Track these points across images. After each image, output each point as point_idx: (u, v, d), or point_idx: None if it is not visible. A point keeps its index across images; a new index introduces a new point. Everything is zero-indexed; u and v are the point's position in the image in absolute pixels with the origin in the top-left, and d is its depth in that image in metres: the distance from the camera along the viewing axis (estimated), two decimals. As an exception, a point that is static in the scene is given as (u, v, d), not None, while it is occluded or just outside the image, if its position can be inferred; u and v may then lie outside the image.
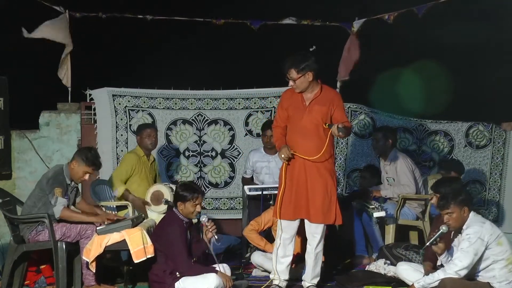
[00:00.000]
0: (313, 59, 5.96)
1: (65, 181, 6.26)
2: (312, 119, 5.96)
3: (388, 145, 7.50)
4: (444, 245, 5.68)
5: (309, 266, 6.07)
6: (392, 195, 7.41)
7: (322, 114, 5.97)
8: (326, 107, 5.99)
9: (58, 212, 6.12)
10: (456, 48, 9.21)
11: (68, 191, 6.31)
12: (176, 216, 5.95)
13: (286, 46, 8.95)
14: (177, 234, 5.81)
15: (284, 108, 6.07)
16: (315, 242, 6.01)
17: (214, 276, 5.72)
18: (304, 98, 6.01)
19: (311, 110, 5.96)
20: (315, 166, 5.94)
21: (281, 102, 6.17)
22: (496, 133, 8.80)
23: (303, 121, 5.96)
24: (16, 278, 6.31)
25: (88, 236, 6.11)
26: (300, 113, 5.98)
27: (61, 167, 6.35)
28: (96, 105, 8.39)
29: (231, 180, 8.64)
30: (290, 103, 6.04)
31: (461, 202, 5.56)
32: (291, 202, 5.97)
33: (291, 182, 5.99)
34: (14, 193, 7.55)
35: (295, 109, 6.00)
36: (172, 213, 6.00)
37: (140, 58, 9.49)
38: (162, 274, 5.80)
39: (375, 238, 7.34)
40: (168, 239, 5.82)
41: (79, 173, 6.26)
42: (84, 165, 6.25)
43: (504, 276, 5.52)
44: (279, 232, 6.05)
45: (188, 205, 5.88)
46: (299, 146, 5.95)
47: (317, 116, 5.96)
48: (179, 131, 8.56)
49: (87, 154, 6.28)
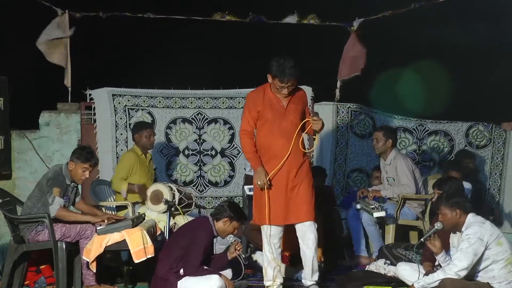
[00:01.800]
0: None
1: (64, 181, 6.27)
2: (292, 120, 5.89)
3: (388, 145, 7.49)
4: (440, 244, 5.69)
5: (308, 266, 6.00)
6: (392, 195, 7.41)
7: (299, 114, 5.94)
8: (300, 105, 5.98)
9: (54, 211, 6.12)
10: (456, 48, 9.21)
11: (68, 191, 6.31)
12: (210, 226, 5.97)
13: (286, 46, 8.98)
14: (203, 241, 5.85)
15: (257, 110, 5.90)
16: (311, 241, 5.93)
17: (217, 277, 5.73)
18: (280, 98, 5.92)
19: (289, 110, 5.90)
20: (295, 167, 5.87)
21: (252, 103, 5.94)
22: (496, 133, 8.81)
23: (284, 122, 5.87)
24: (16, 278, 6.30)
25: (87, 237, 6.10)
26: (279, 115, 5.87)
27: (60, 167, 6.35)
28: (96, 104, 8.39)
29: (231, 179, 8.65)
30: (264, 105, 5.89)
31: (452, 205, 5.56)
32: (278, 207, 5.87)
33: (275, 187, 5.87)
34: (14, 193, 7.55)
35: (272, 110, 5.88)
36: (208, 221, 6.01)
37: (140, 58, 9.48)
38: (168, 271, 5.81)
39: (375, 238, 7.34)
40: (192, 239, 5.84)
41: (78, 172, 6.27)
42: (80, 163, 6.26)
43: (504, 277, 5.52)
44: (268, 238, 5.92)
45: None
46: (280, 148, 5.84)
47: (296, 116, 5.91)
48: (179, 130, 8.56)
49: (81, 152, 6.31)
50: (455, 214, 5.57)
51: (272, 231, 5.91)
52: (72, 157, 6.32)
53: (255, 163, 5.87)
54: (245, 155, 6.03)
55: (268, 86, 5.98)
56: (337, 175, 8.72)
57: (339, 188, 8.71)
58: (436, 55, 9.49)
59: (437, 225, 5.66)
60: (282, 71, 5.78)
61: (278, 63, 5.80)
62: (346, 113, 8.72)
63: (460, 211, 5.56)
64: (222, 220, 5.97)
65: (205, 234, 5.92)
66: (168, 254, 5.90)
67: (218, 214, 5.99)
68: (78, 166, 6.27)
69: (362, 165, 8.67)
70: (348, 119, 8.71)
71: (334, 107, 8.71)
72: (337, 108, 8.70)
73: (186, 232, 6.00)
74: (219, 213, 6.00)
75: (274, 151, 5.86)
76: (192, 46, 9.61)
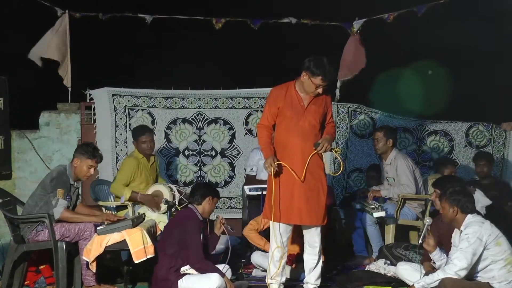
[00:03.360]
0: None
1: (68, 181, 6.27)
2: (311, 120, 5.90)
3: (389, 145, 7.50)
4: (433, 241, 5.73)
5: (311, 269, 6.01)
6: (392, 195, 7.41)
7: (319, 116, 5.94)
8: (322, 108, 5.97)
9: (58, 213, 6.13)
10: (456, 49, 9.21)
11: (71, 191, 6.31)
12: (193, 212, 6.08)
13: (286, 46, 8.99)
14: (194, 228, 5.92)
15: (277, 107, 5.91)
16: (317, 244, 5.96)
17: (217, 276, 5.75)
18: (302, 98, 5.93)
19: (309, 111, 5.91)
20: (309, 168, 5.86)
21: (273, 99, 5.95)
22: (496, 133, 8.81)
23: (301, 122, 5.88)
24: (16, 278, 6.31)
25: (86, 238, 6.10)
26: (298, 114, 5.89)
27: (64, 167, 6.35)
28: (96, 104, 8.40)
29: (231, 179, 8.64)
30: (285, 102, 5.90)
31: (452, 201, 5.61)
32: (288, 206, 5.86)
33: (285, 186, 5.87)
34: (14, 193, 7.56)
35: (292, 109, 5.89)
36: (189, 209, 6.13)
37: (140, 58, 9.49)
38: (167, 271, 5.82)
39: (375, 238, 7.34)
40: (184, 230, 5.89)
41: (84, 168, 6.27)
42: (86, 159, 6.27)
43: (504, 277, 5.52)
44: (277, 236, 5.91)
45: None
46: (297, 146, 5.86)
47: (315, 117, 5.91)
48: (179, 130, 8.56)
49: (86, 149, 6.32)
50: (453, 211, 5.61)
51: (282, 229, 5.91)
52: (76, 153, 6.33)
53: (267, 152, 5.89)
54: (260, 144, 6.05)
55: (292, 84, 5.97)
56: (337, 175, 8.71)
57: (339, 188, 8.72)
58: (436, 55, 9.50)
59: (426, 221, 5.78)
60: (326, 70, 5.79)
61: (320, 62, 5.79)
62: (346, 113, 8.73)
63: (457, 209, 5.60)
64: (205, 201, 6.12)
65: (193, 221, 5.99)
66: (163, 254, 5.91)
67: (198, 198, 6.15)
68: (84, 163, 6.27)
69: (362, 165, 8.67)
70: (348, 119, 8.72)
71: (334, 107, 8.70)
72: (337, 108, 8.70)
73: (174, 227, 6.03)
74: (198, 197, 6.15)
75: (289, 149, 5.88)
76: (192, 46, 9.62)
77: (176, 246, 5.87)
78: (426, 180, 7.78)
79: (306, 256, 6.04)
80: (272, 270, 5.96)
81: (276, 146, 5.94)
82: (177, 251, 5.86)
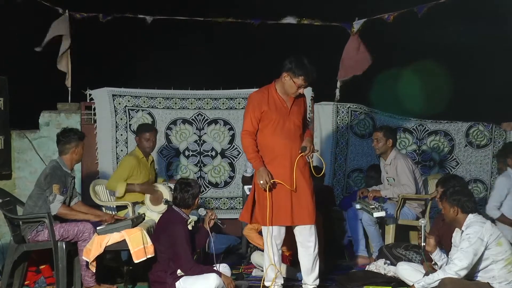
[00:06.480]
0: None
1: (63, 174, 6.26)
2: (295, 121, 5.90)
3: (389, 145, 7.50)
4: (433, 241, 5.73)
5: (309, 269, 5.98)
6: (392, 195, 7.41)
7: (301, 116, 5.97)
8: (302, 108, 5.99)
9: (56, 209, 6.13)
10: (456, 48, 9.22)
11: (67, 182, 6.30)
12: (177, 214, 5.97)
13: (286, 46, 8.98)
14: (182, 233, 5.82)
15: (261, 111, 5.85)
16: (312, 244, 5.93)
17: (214, 276, 5.72)
18: (284, 100, 5.90)
19: (293, 112, 5.91)
20: (298, 169, 5.86)
21: (256, 103, 5.86)
22: (496, 133, 8.80)
23: (287, 124, 5.86)
24: (16, 278, 6.31)
25: (85, 239, 6.10)
26: (283, 116, 5.86)
27: (56, 161, 6.35)
28: (96, 105, 8.39)
29: (231, 179, 8.64)
30: (269, 106, 5.85)
31: (453, 201, 5.61)
32: (284, 208, 5.84)
33: (280, 188, 5.84)
34: (14, 193, 7.57)
35: (276, 111, 5.85)
36: (173, 211, 6.01)
37: (140, 58, 9.49)
38: (163, 274, 5.81)
39: (375, 238, 7.34)
40: (172, 238, 5.82)
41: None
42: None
43: (504, 277, 5.52)
44: (270, 239, 5.86)
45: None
46: (285, 148, 5.84)
47: (298, 118, 5.93)
48: (179, 130, 8.56)
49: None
50: (453, 211, 5.62)
51: (275, 232, 5.88)
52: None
53: (257, 164, 5.83)
54: (247, 155, 5.97)
55: (272, 86, 5.95)
56: (337, 175, 8.72)
57: (339, 188, 8.71)
58: (436, 55, 9.50)
59: (421, 223, 5.85)
60: (308, 70, 5.77)
61: (301, 62, 5.78)
62: (346, 113, 8.73)
63: (458, 209, 5.60)
64: (190, 200, 5.97)
65: (179, 225, 5.88)
66: (158, 257, 5.90)
67: (182, 198, 5.98)
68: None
69: (362, 165, 8.67)
70: (348, 119, 8.72)
71: (334, 107, 8.71)
72: (337, 108, 8.70)
73: (161, 233, 5.95)
74: (182, 197, 5.98)
75: (277, 152, 5.85)
76: (192, 46, 9.63)
77: (167, 252, 5.84)
78: (426, 180, 7.78)
79: (300, 258, 6.00)
80: (270, 273, 5.94)
81: (262, 151, 5.90)
82: (170, 258, 5.84)
